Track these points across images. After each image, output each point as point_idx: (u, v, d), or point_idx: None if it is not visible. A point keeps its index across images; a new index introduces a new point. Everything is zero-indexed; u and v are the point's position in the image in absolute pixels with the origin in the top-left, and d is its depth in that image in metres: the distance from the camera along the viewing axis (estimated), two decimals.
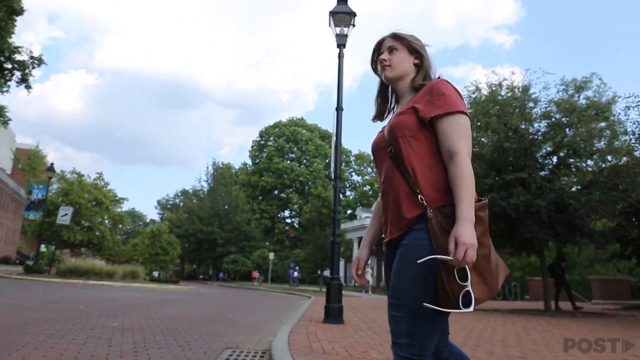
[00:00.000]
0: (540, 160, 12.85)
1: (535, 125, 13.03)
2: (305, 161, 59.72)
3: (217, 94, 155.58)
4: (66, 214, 20.58)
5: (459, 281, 1.38)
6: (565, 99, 12.59)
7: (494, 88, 13.40)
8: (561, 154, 12.89)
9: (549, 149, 12.92)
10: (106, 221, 28.96)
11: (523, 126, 12.59)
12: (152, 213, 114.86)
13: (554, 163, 13.04)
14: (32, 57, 19.67)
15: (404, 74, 1.75)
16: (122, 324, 5.77)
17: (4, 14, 17.11)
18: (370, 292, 26.84)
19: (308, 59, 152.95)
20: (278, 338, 4.64)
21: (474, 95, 13.72)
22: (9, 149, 56.99)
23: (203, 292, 19.39)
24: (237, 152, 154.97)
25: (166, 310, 8.74)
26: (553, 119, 12.79)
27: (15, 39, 19.48)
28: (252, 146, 63.46)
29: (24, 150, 59.80)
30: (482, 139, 13.18)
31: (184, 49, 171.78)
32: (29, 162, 56.04)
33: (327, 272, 29.45)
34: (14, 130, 60.31)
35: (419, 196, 1.49)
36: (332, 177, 7.43)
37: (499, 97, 13.12)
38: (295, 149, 59.56)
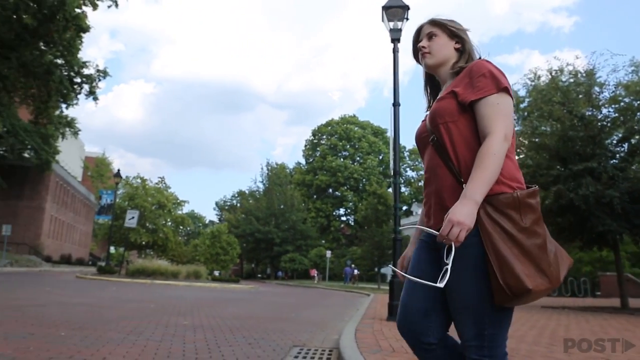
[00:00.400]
0: (610, 148, 12.12)
1: (604, 110, 12.29)
2: (358, 158, 59.53)
3: (269, 95, 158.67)
4: (133, 217, 21.69)
5: (444, 259, 1.37)
6: (635, 81, 11.78)
7: (554, 74, 12.76)
8: (633, 141, 12.09)
9: (619, 135, 12.16)
10: (169, 223, 30.21)
11: (589, 113, 11.90)
12: (210, 214, 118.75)
13: (626, 150, 12.25)
14: (98, 71, 20.87)
15: (445, 59, 1.69)
16: (192, 322, 5.99)
17: (73, 32, 18.22)
18: None
19: (357, 57, 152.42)
20: (345, 336, 4.65)
21: (533, 83, 13.14)
22: (79, 157, 60.67)
23: (263, 291, 19.80)
24: (290, 151, 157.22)
25: (231, 308, 8.99)
26: (622, 104, 12.00)
27: (82, 55, 20.78)
28: (305, 145, 64.05)
29: (92, 158, 63.58)
30: (544, 128, 12.57)
31: (235, 54, 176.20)
32: (97, 169, 59.57)
33: (384, 270, 29.28)
34: (83, 140, 64.01)
35: (464, 185, 1.42)
36: (391, 174, 7.36)
37: (561, 83, 12.48)
38: (349, 146, 59.51)
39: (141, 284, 17.54)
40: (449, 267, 1.35)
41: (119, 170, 23.11)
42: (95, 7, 18.46)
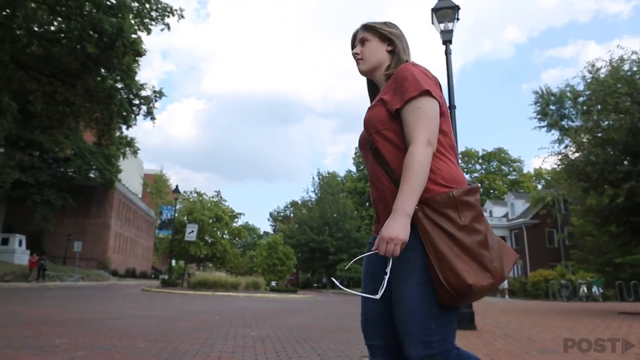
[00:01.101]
0: None
1: None
2: None
3: (317, 105, 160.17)
4: (192, 231, 22.45)
5: (385, 269, 1.39)
6: None
7: (615, 64, 12.08)
8: None
9: None
10: (226, 236, 30.96)
11: None
12: (264, 225, 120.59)
13: None
14: (154, 92, 21.79)
15: (378, 64, 1.68)
16: (259, 333, 6.08)
17: (130, 57, 19.17)
18: (507, 296, 24.80)
19: None
20: None
21: (591, 76, 12.50)
22: (138, 175, 63.56)
23: (321, 300, 19.83)
24: (340, 160, 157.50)
25: (293, 318, 9.06)
26: None
27: (138, 77, 21.80)
28: (356, 153, 63.97)
29: (150, 175, 66.42)
30: (609, 122, 11.89)
31: (282, 66, 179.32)
32: (156, 186, 62.15)
33: None
34: (141, 158, 66.94)
35: None
36: None
37: (622, 73, 11.79)
38: None
39: (203, 296, 18.03)
40: (386, 278, 1.38)
41: (177, 186, 24.06)
42: (149, 32, 19.31)
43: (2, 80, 17.89)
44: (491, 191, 59.74)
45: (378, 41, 1.68)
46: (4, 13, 16.84)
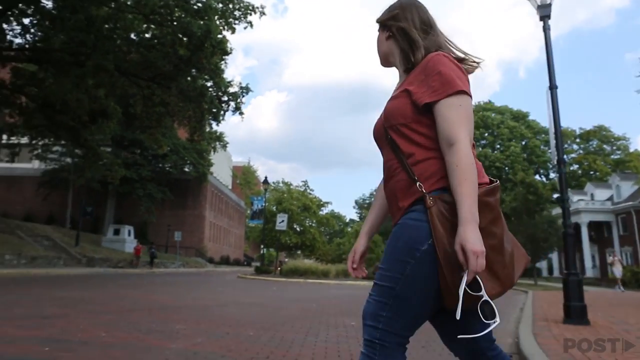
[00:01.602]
0: None
1: None
2: (499, 146, 55.90)
3: None
4: (283, 221, 23.22)
5: (470, 291, 1.23)
6: None
7: None
8: None
9: None
10: (314, 224, 31.57)
11: None
12: (350, 213, 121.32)
13: None
14: (241, 88, 22.65)
15: (384, 55, 1.59)
16: (358, 323, 6.18)
17: (218, 57, 20.09)
18: (621, 286, 22.88)
19: (484, 38, 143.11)
20: (525, 342, 4.38)
21: None
22: (228, 168, 66.75)
23: None
24: None
25: None
26: None
27: (225, 75, 22.78)
28: None
29: (239, 167, 69.48)
30: None
31: (361, 53, 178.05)
32: (244, 177, 65.00)
33: (539, 264, 27.05)
34: (230, 151, 70.16)
35: (418, 183, 1.34)
36: (555, 163, 6.76)
37: None
38: (487, 134, 56.19)
39: (295, 283, 18.64)
40: (485, 298, 1.25)
41: (266, 177, 25.00)
42: (233, 31, 20.05)
43: (108, 87, 19.58)
44: (591, 173, 55.27)
45: (380, 32, 1.61)
46: (107, 26, 18.36)
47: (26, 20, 19.84)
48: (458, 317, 1.25)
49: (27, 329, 4.35)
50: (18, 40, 20.77)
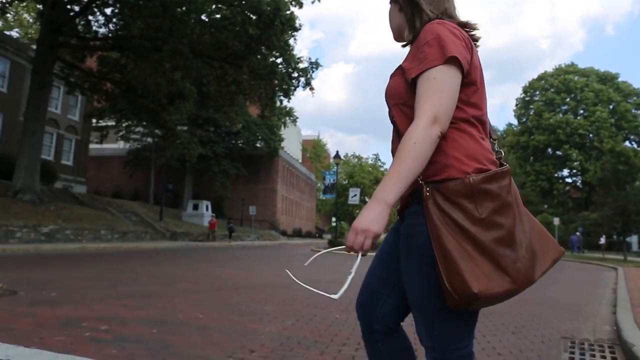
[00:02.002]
0: None
1: None
2: (582, 111, 52.06)
3: None
4: (355, 195, 23.30)
5: (351, 268, 1.22)
6: None
7: None
8: None
9: None
10: None
11: None
12: None
13: None
14: (310, 63, 22.69)
15: (397, 29, 1.49)
16: None
17: (288, 34, 20.17)
18: None
19: None
20: (628, 330, 4.12)
21: None
22: (298, 142, 67.72)
23: None
24: (497, 113, 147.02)
25: None
26: None
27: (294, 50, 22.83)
28: (517, 104, 58.90)
29: (308, 141, 70.24)
30: None
31: None
32: (314, 151, 65.68)
33: (630, 238, 25.15)
34: (299, 125, 70.97)
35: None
36: None
37: None
38: (569, 99, 52.45)
39: (371, 257, 18.75)
40: (350, 277, 1.22)
41: (337, 152, 25.00)
42: (301, 5, 19.95)
43: (183, 70, 20.35)
44: None
45: (393, 5, 1.50)
46: (180, 10, 18.95)
47: (108, 11, 21.00)
48: (337, 297, 1.26)
49: (133, 308, 4.73)
50: (102, 30, 22.09)
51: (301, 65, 22.38)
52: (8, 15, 24.45)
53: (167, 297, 5.62)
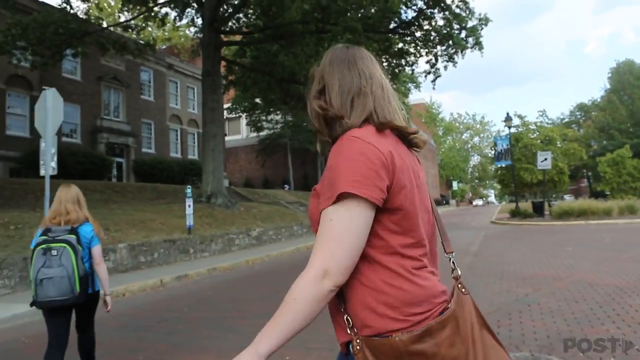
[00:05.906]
0: None
1: None
2: None
3: None
4: (545, 159, 20.94)
5: None
6: None
7: None
8: None
9: None
10: (557, 157, 28.35)
11: None
12: None
13: None
14: (479, 20, 20.39)
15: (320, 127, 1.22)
16: None
17: None
18: None
19: None
20: None
21: None
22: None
23: None
24: (608, 43, 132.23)
25: None
26: None
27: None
28: None
29: (418, 105, 67.44)
30: None
31: None
32: (428, 115, 62.92)
33: None
34: None
35: (345, 316, 1.07)
36: None
37: None
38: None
39: (578, 226, 17.36)
40: None
41: (507, 113, 22.58)
42: None
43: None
44: None
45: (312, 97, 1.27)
46: None
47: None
48: None
49: None
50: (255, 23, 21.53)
51: (470, 24, 20.19)
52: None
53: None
